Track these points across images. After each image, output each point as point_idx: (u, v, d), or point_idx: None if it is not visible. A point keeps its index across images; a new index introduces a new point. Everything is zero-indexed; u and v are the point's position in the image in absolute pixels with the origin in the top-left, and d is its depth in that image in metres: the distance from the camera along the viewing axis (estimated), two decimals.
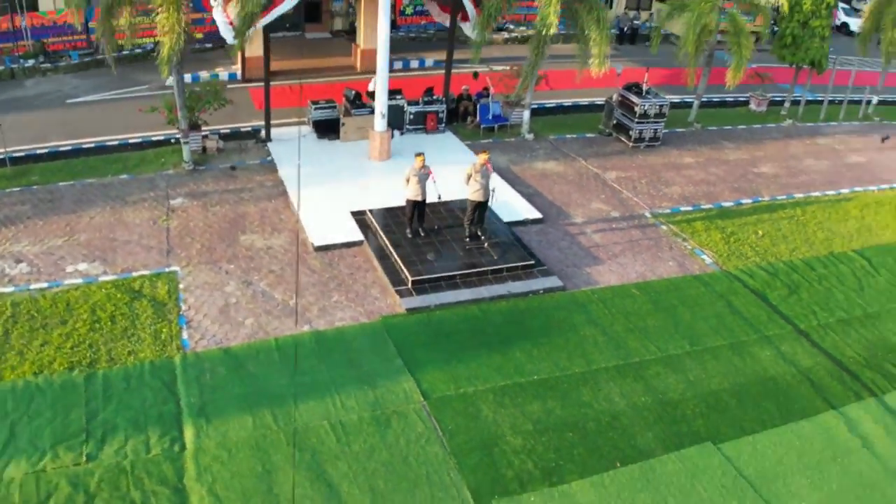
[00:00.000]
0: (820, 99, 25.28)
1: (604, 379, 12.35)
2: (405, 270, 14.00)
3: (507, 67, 21.44)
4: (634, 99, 20.01)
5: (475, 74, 21.37)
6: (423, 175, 14.38)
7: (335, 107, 19.21)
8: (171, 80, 16.72)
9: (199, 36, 23.76)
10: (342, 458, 10.40)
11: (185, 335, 12.34)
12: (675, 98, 22.85)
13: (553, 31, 17.22)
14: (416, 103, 19.58)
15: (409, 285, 13.77)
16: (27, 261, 13.86)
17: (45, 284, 13.23)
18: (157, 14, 14.57)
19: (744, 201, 18.55)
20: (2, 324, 12.20)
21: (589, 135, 21.38)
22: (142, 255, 14.32)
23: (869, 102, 25.88)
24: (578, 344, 13.10)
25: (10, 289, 13.08)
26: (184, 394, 11.26)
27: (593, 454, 10.91)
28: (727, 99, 25.28)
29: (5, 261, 13.80)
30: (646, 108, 20.02)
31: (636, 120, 20.12)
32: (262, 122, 19.09)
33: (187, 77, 21.94)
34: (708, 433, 11.50)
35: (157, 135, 18.97)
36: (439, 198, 14.59)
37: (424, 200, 14.71)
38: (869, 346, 13.80)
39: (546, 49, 19.02)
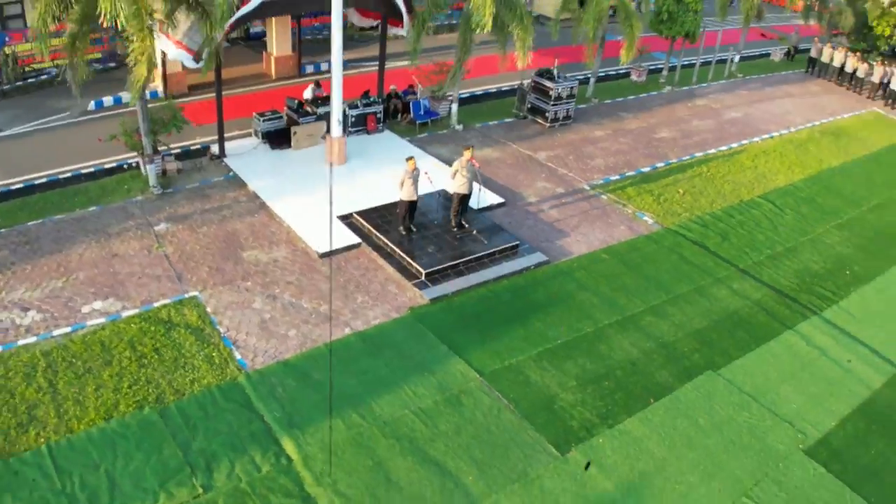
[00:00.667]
0: (693, 62, 28.43)
1: (611, 334, 14.17)
2: (415, 265, 14.99)
3: (433, 62, 22.56)
4: (549, 84, 21.87)
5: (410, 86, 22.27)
6: (416, 176, 15.33)
7: (282, 117, 19.39)
8: (135, 105, 16.39)
9: (98, 56, 22.61)
10: (436, 439, 11.43)
11: (238, 355, 12.63)
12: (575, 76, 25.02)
13: (488, 29, 18.51)
14: (356, 106, 20.20)
15: (423, 277, 14.78)
16: (35, 307, 13.30)
17: (67, 329, 12.86)
18: (131, 42, 14.19)
19: (657, 165, 21.09)
20: (42, 376, 11.84)
21: (507, 120, 23.02)
22: (153, 285, 14.17)
23: (732, 61, 29.66)
24: (580, 308, 14.81)
25: (31, 339, 12.60)
26: (265, 410, 11.68)
27: (630, 396, 12.70)
28: (610, 73, 27.91)
29: (10, 311, 13.15)
30: (560, 90, 21.97)
31: (552, 102, 22.03)
32: (206, 139, 18.95)
33: (108, 100, 21.17)
34: (706, 364, 13.66)
35: (108, 162, 18.25)
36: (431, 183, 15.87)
37: (417, 200, 15.69)
38: (797, 274, 16.68)
39: (471, 45, 20.36)
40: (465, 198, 15.97)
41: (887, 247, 18.38)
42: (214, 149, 18.69)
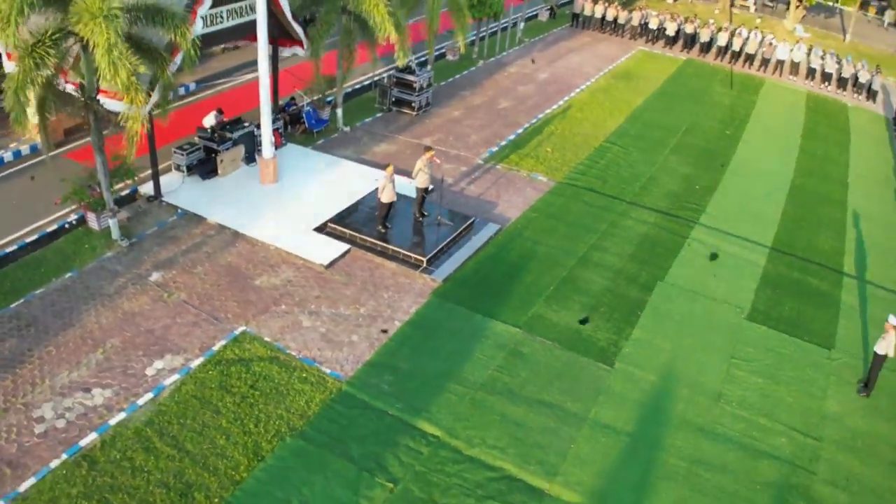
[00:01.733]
0: (494, 31, 31.90)
1: (580, 273, 17.26)
2: (413, 255, 16.55)
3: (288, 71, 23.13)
4: (412, 77, 23.81)
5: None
6: (394, 180, 16.71)
7: (200, 147, 18.96)
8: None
9: None
10: (525, 385, 13.70)
11: (326, 370, 13.49)
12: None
13: (393, 36, 19.88)
14: (259, 125, 20.33)
15: (426, 264, 16.44)
16: (95, 385, 12.70)
17: (150, 395, 12.61)
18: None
19: (518, 132, 24.36)
20: (164, 444, 11.74)
21: (378, 115, 24.53)
22: (196, 331, 14.11)
23: (518, 27, 33.58)
24: (546, 258, 17.67)
25: (119, 416, 12.20)
26: (386, 406, 12.90)
27: (623, 314, 15.95)
28: (423, 56, 30.19)
29: (72, 396, 12.43)
30: (421, 82, 24.01)
31: (416, 93, 24.02)
32: (123, 183, 18.03)
33: (8, 155, 18.83)
34: (653, 278, 17.36)
35: (47, 224, 16.59)
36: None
37: (394, 202, 17.11)
38: (666, 196, 21.16)
39: (355, 55, 21.62)
40: (426, 191, 17.74)
41: (711, 160, 23.84)
42: (144, 190, 17.93)
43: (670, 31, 35.49)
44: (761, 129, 27.14)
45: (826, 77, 32.99)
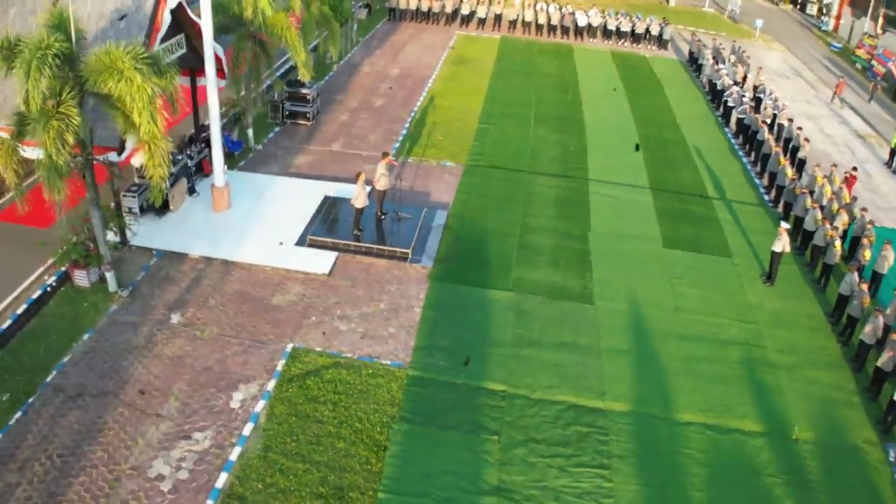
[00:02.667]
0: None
1: (531, 237, 19.76)
2: (398, 249, 17.89)
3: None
4: (305, 90, 24.37)
5: None
6: (365, 186, 17.78)
7: (149, 185, 18.19)
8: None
9: None
10: (543, 335, 16.09)
11: (386, 362, 14.67)
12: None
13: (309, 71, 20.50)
14: (191, 156, 19.85)
15: (412, 255, 17.85)
16: (188, 431, 12.82)
17: (249, 424, 13.03)
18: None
19: (406, 125, 26.12)
20: (296, 459, 12.39)
21: (276, 129, 24.75)
22: (251, 359, 14.53)
23: (353, 28, 34.60)
24: (501, 229, 19.86)
25: (236, 450, 12.52)
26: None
27: (579, 262, 18.79)
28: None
29: (176, 448, 12.48)
30: (313, 93, 24.63)
31: (309, 105, 24.61)
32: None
33: None
34: (582, 233, 20.30)
35: (25, 292, 15.38)
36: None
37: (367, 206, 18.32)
38: (553, 162, 24.32)
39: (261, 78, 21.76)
40: (385, 193, 18.97)
41: (570, 125, 27.40)
42: (108, 238, 17.01)
43: (481, 14, 38.96)
44: (591, 91, 31.43)
45: (622, 35, 38.50)
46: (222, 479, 12.00)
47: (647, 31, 38.42)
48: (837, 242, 17.97)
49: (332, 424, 13.22)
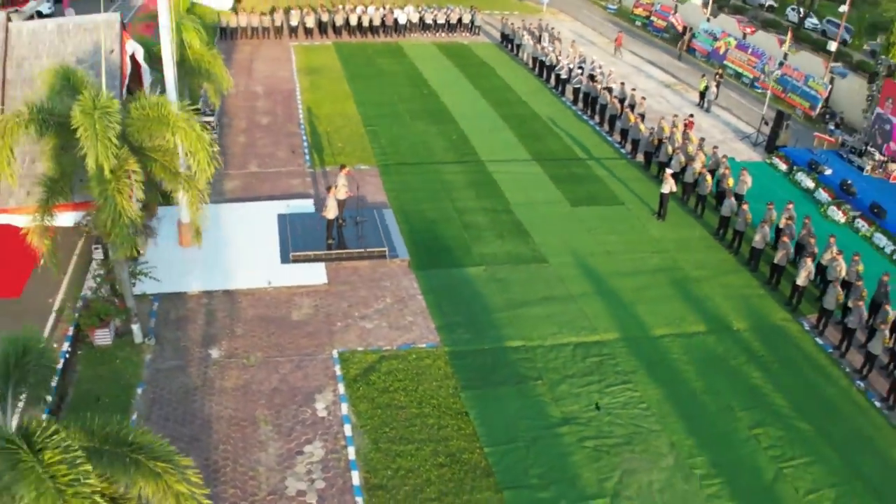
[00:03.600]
0: None
1: (462, 207, 21.89)
2: (376, 250, 19.22)
3: None
4: (208, 118, 23.89)
5: None
6: (335, 199, 18.69)
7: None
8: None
9: None
10: (523, 291, 18.55)
11: (422, 345, 16.31)
12: None
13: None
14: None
15: (388, 252, 19.27)
16: (296, 447, 13.49)
17: (347, 426, 13.97)
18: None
19: (304, 138, 26.75)
20: (402, 443, 13.67)
21: None
22: (307, 371, 15.34)
23: None
24: (436, 212, 21.69)
25: (350, 450, 13.49)
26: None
27: (518, 228, 21.33)
28: None
29: (298, 465, 13.13)
30: (214, 120, 24.35)
31: (214, 131, 24.21)
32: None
33: None
34: (504, 202, 22.89)
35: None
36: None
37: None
38: (447, 150, 26.47)
39: None
40: (345, 202, 19.91)
41: (441, 116, 29.67)
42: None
43: (310, 24, 39.52)
44: (438, 82, 33.90)
45: (439, 27, 41.24)
46: (355, 477, 13.02)
47: (460, 20, 41.76)
48: (709, 177, 22.60)
49: (413, 406, 14.66)
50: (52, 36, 16.66)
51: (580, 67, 33.34)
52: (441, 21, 41.35)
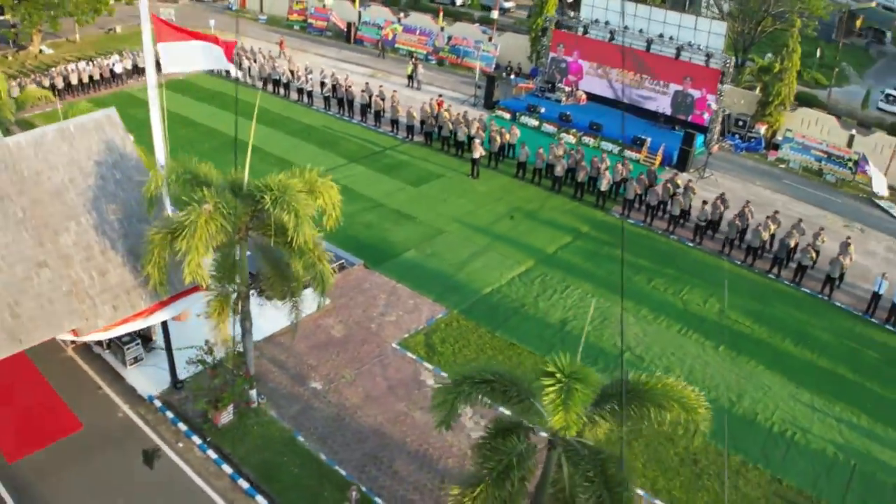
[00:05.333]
0: None
1: (384, 208, 24.68)
2: (337, 264, 21.08)
3: None
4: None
5: None
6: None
7: None
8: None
9: None
10: (455, 250, 22.74)
11: (440, 314, 20.06)
12: None
13: None
14: None
15: (346, 260, 21.43)
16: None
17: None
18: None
19: None
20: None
21: None
22: (396, 364, 17.96)
23: None
24: (368, 216, 23.77)
25: None
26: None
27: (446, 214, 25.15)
28: None
29: (433, 439, 15.80)
30: None
31: None
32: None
33: None
34: (414, 185, 26.15)
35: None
36: None
37: None
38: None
39: None
40: None
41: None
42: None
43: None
44: (206, 116, 33.85)
45: (139, 70, 38.60)
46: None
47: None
48: (498, 137, 29.18)
49: (473, 353, 18.60)
50: (57, 143, 14.89)
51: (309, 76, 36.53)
52: (139, 64, 38.54)
